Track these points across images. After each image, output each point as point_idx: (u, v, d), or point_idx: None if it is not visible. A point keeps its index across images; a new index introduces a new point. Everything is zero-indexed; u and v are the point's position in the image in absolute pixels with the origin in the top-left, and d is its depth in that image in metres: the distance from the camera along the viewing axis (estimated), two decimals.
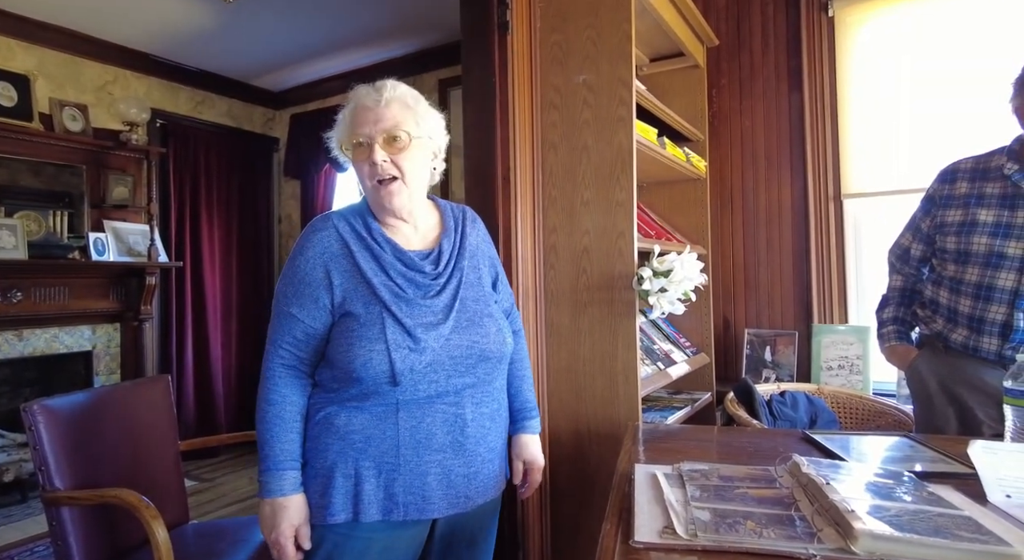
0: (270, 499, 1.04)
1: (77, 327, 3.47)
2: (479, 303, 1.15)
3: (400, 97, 1.11)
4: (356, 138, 1.10)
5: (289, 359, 1.10)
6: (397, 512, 1.05)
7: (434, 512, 1.07)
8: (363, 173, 1.11)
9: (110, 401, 1.76)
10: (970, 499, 0.88)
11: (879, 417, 2.10)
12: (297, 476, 1.06)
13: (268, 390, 1.08)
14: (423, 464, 1.06)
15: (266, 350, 1.11)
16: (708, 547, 0.72)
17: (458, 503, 1.09)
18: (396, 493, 1.04)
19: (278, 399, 1.07)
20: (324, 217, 1.16)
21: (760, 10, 2.62)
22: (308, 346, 1.10)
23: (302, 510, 1.05)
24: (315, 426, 1.08)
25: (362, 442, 1.05)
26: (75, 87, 3.52)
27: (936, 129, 2.27)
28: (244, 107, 4.50)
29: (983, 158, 1.49)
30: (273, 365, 1.09)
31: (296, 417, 1.08)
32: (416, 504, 1.05)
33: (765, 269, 2.61)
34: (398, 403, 1.05)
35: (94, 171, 3.50)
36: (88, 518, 1.55)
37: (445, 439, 1.08)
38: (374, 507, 1.04)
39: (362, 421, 1.05)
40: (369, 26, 3.49)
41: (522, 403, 1.29)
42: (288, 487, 1.04)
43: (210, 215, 4.16)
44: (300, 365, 1.11)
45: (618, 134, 1.77)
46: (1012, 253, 1.37)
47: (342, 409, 1.07)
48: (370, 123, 1.08)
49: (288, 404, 1.08)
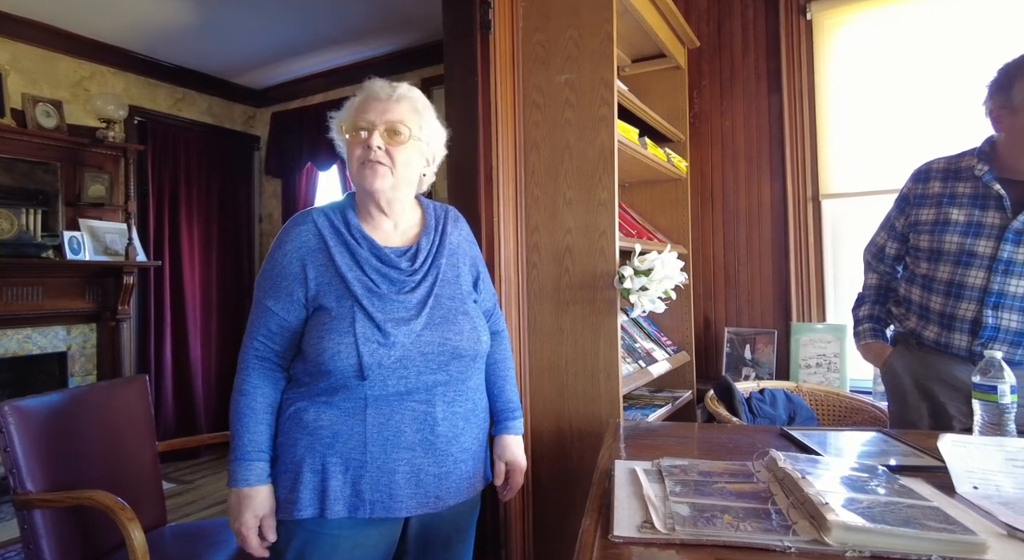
0: (236, 489, 1.04)
1: (51, 327, 3.40)
2: (454, 300, 1.16)
3: (412, 99, 1.15)
4: (359, 123, 1.11)
5: (263, 351, 1.11)
6: (363, 509, 1.04)
7: (402, 511, 1.06)
8: (354, 156, 1.12)
9: (85, 402, 1.73)
10: (939, 491, 0.90)
11: (856, 414, 2.14)
12: (264, 467, 1.06)
13: (241, 381, 1.10)
14: (391, 462, 1.05)
15: (243, 341, 1.13)
16: (686, 541, 0.73)
17: (428, 503, 1.09)
18: (363, 490, 1.04)
19: (250, 389, 1.09)
20: (305, 212, 1.17)
21: (740, 13, 2.66)
22: (282, 339, 1.11)
23: (267, 502, 1.05)
24: (286, 421, 1.09)
25: (329, 437, 1.05)
26: (49, 83, 3.45)
27: (912, 130, 2.31)
28: (224, 105, 4.45)
29: (955, 159, 1.52)
30: (248, 356, 1.11)
31: (267, 409, 1.09)
32: (383, 502, 1.05)
33: (745, 269, 2.65)
34: (367, 398, 1.05)
35: (69, 168, 3.43)
36: (62, 521, 1.52)
37: (414, 437, 1.07)
38: (340, 504, 1.03)
39: (330, 417, 1.06)
40: (352, 24, 3.47)
41: (505, 403, 1.29)
42: (253, 477, 1.04)
43: (190, 214, 4.10)
44: (274, 357, 1.12)
45: (600, 134, 1.78)
46: (981, 252, 1.40)
47: (311, 404, 1.07)
48: (377, 112, 1.11)
49: (259, 395, 1.09)
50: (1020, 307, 1.36)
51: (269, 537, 1.06)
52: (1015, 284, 1.36)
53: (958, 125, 2.12)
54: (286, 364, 1.13)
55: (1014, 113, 1.37)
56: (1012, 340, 1.36)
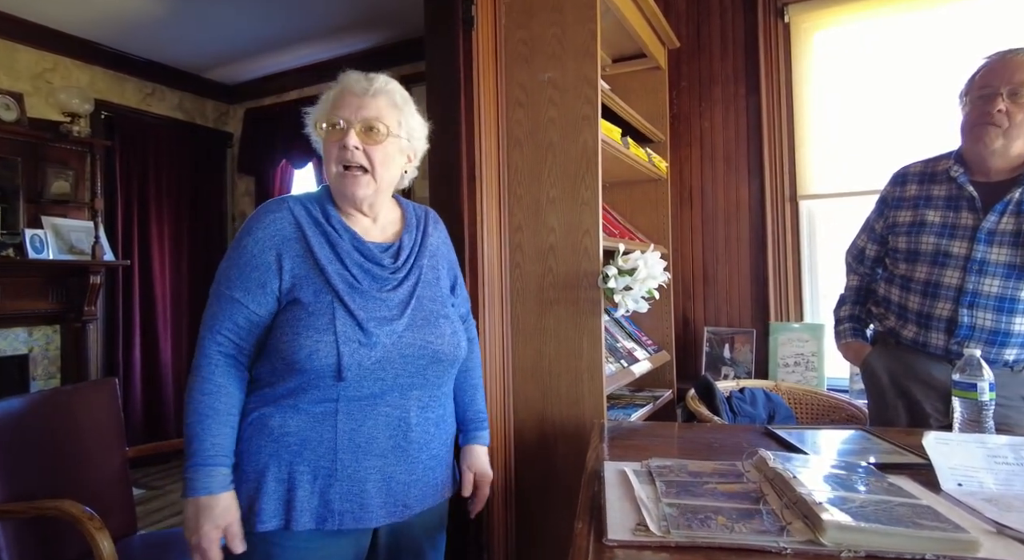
0: (194, 498, 0.94)
1: (11, 329, 3.26)
2: (436, 303, 1.12)
3: (389, 92, 1.09)
4: (334, 120, 1.06)
5: (228, 347, 1.02)
6: (332, 521, 0.98)
7: (372, 521, 1.01)
8: (331, 156, 1.07)
9: (48, 406, 1.66)
10: (925, 488, 0.91)
11: (834, 412, 2.17)
12: (227, 474, 0.97)
13: (202, 380, 0.99)
14: (362, 470, 1.00)
15: (201, 336, 1.02)
16: (681, 543, 0.72)
17: (396, 512, 1.04)
18: (332, 500, 0.98)
19: (213, 389, 0.99)
20: (279, 199, 1.09)
21: (719, 14, 2.68)
22: (250, 334, 1.03)
23: (231, 510, 0.96)
24: (248, 427, 1.01)
25: (297, 444, 0.99)
26: (8, 74, 3.31)
27: (889, 133, 2.36)
28: (196, 100, 4.33)
29: (932, 162, 1.55)
30: (209, 352, 1.01)
31: (231, 410, 1.00)
32: (353, 512, 0.99)
33: (724, 268, 2.67)
34: (338, 401, 0.99)
35: (31, 164, 3.30)
36: (24, 532, 1.46)
37: (387, 443, 1.02)
38: (307, 515, 0.97)
39: (298, 423, 0.99)
40: (328, 19, 3.41)
41: (475, 413, 1.26)
42: (216, 485, 0.95)
43: (160, 212, 3.99)
44: (239, 354, 1.03)
45: (583, 133, 1.77)
46: (956, 252, 1.43)
47: (276, 410, 1.00)
48: (352, 108, 1.05)
49: (224, 395, 0.99)
50: (995, 306, 1.38)
51: (238, 548, 0.97)
52: (989, 283, 1.39)
53: (935, 128, 2.16)
54: (250, 363, 1.05)
55: (964, 105, 1.46)
56: (987, 338, 1.39)
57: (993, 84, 1.38)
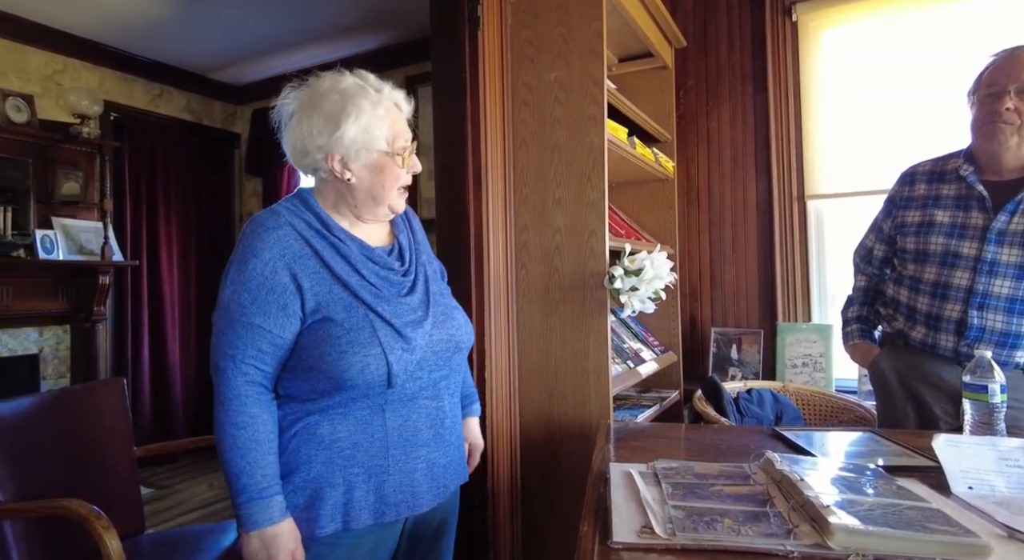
0: (258, 532, 0.94)
1: (21, 329, 3.29)
2: (444, 296, 1.18)
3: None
4: (401, 142, 1.09)
5: (255, 375, 0.99)
6: (389, 513, 1.03)
7: (423, 506, 1.07)
8: (393, 176, 1.08)
9: (58, 406, 1.67)
10: (935, 491, 0.90)
11: (842, 413, 2.15)
12: (282, 500, 0.97)
13: (235, 412, 0.96)
14: (411, 461, 1.05)
15: (221, 368, 0.98)
16: (687, 546, 0.72)
17: (440, 493, 1.10)
18: (387, 494, 1.02)
19: (248, 421, 0.97)
20: (271, 213, 1.04)
21: (726, 13, 2.66)
22: (273, 359, 1.00)
23: (295, 532, 0.98)
24: (293, 438, 1.00)
25: (350, 449, 1.00)
26: (19, 76, 3.34)
27: (898, 132, 2.33)
28: (204, 101, 4.35)
29: (941, 161, 1.54)
30: (237, 384, 0.98)
31: (271, 437, 0.99)
32: (407, 502, 1.05)
33: (731, 269, 2.65)
34: (385, 403, 1.02)
35: (41, 165, 3.32)
36: (32, 531, 1.47)
37: (429, 433, 1.08)
38: (365, 512, 1.01)
39: (348, 428, 1.01)
40: (335, 20, 3.41)
41: (468, 388, 1.33)
42: (277, 514, 0.95)
43: (168, 213, 4.01)
44: (264, 381, 1.01)
45: (589, 132, 1.77)
46: (966, 253, 1.41)
47: (324, 418, 1.00)
48: (406, 128, 1.11)
49: (260, 424, 0.98)
50: (1005, 308, 1.37)
51: None
52: (999, 284, 1.37)
53: (944, 127, 2.14)
54: (274, 385, 1.03)
55: (972, 103, 1.45)
56: (997, 340, 1.37)
57: (1000, 82, 1.36)
